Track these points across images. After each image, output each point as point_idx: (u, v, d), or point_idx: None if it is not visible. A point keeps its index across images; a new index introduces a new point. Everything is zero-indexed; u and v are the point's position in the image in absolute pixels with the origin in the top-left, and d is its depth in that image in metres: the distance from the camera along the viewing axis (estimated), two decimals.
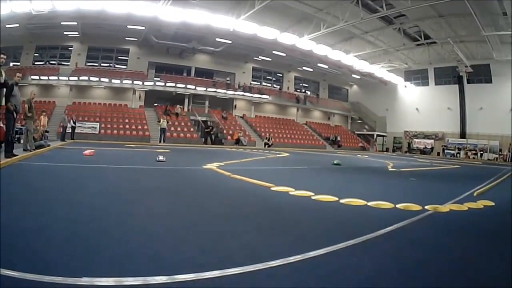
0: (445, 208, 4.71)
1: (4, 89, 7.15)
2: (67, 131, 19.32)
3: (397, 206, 4.54)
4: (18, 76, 8.17)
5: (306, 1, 22.79)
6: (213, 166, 8.65)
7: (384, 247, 2.89)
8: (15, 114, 7.76)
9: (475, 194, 6.35)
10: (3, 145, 7.80)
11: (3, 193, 3.89)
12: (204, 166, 8.64)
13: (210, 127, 26.53)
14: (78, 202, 3.91)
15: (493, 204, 5.36)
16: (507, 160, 29.80)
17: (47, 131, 15.37)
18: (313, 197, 4.89)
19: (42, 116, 14.68)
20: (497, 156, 31.19)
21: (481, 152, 32.29)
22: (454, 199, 5.55)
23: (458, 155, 33.26)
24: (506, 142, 30.82)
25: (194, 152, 16.00)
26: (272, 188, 5.55)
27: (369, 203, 4.61)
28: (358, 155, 22.85)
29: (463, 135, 34.03)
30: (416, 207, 4.53)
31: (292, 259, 2.36)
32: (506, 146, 30.72)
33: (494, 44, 26.95)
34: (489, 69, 32.29)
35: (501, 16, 21.67)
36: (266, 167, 10.20)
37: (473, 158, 31.68)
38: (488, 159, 30.89)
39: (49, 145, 11.71)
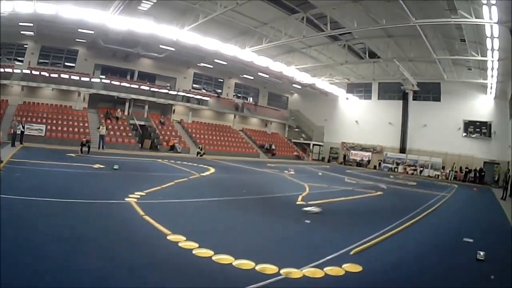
0: (300, 273, 4.66)
1: None
2: (17, 133, 19.97)
3: (257, 267, 4.73)
4: None
5: (251, 16, 23.33)
6: (133, 198, 8.73)
7: None
8: None
9: (352, 252, 5.94)
10: None
11: None
12: (126, 199, 8.63)
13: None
14: None
15: (360, 269, 5.09)
16: (449, 178, 30.53)
17: None
18: (194, 251, 5.26)
19: None
20: (438, 173, 31.65)
21: (421, 169, 32.67)
22: (323, 258, 5.42)
23: (395, 169, 33.71)
24: (450, 160, 31.39)
25: (128, 169, 15.21)
26: (168, 237, 5.87)
27: (235, 262, 4.87)
28: (285, 171, 21.77)
29: (403, 150, 34.46)
30: (272, 269, 4.68)
31: None
32: (450, 163, 31.24)
33: (445, 65, 27.40)
34: (439, 88, 32.74)
35: (458, 41, 21.86)
36: (179, 200, 9.87)
37: (412, 174, 32.14)
38: (429, 176, 31.50)
39: (1, 161, 12.11)
